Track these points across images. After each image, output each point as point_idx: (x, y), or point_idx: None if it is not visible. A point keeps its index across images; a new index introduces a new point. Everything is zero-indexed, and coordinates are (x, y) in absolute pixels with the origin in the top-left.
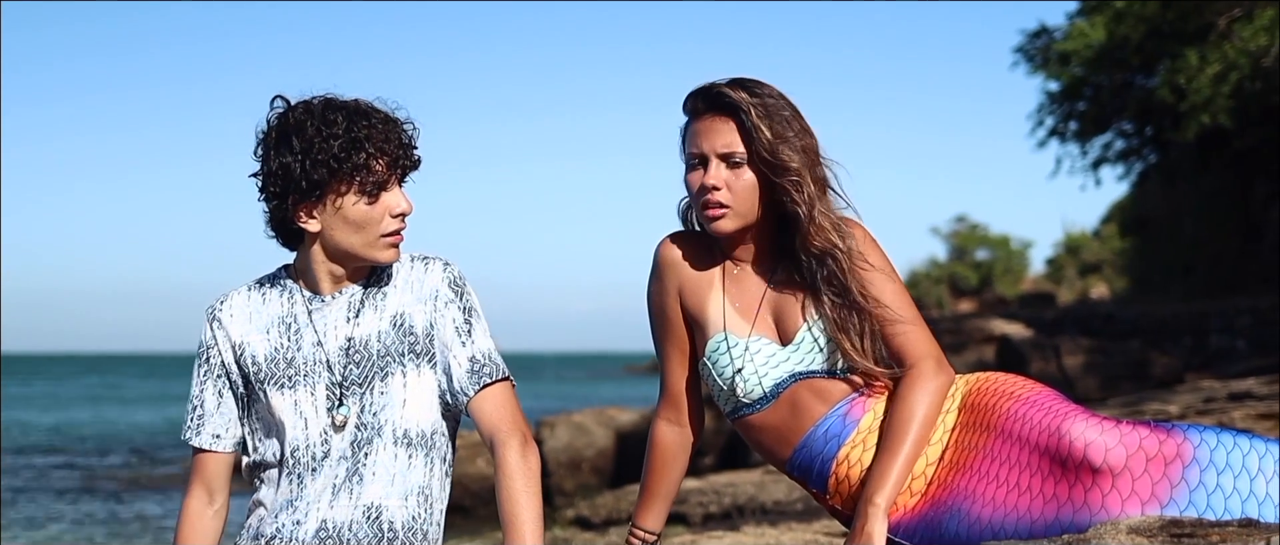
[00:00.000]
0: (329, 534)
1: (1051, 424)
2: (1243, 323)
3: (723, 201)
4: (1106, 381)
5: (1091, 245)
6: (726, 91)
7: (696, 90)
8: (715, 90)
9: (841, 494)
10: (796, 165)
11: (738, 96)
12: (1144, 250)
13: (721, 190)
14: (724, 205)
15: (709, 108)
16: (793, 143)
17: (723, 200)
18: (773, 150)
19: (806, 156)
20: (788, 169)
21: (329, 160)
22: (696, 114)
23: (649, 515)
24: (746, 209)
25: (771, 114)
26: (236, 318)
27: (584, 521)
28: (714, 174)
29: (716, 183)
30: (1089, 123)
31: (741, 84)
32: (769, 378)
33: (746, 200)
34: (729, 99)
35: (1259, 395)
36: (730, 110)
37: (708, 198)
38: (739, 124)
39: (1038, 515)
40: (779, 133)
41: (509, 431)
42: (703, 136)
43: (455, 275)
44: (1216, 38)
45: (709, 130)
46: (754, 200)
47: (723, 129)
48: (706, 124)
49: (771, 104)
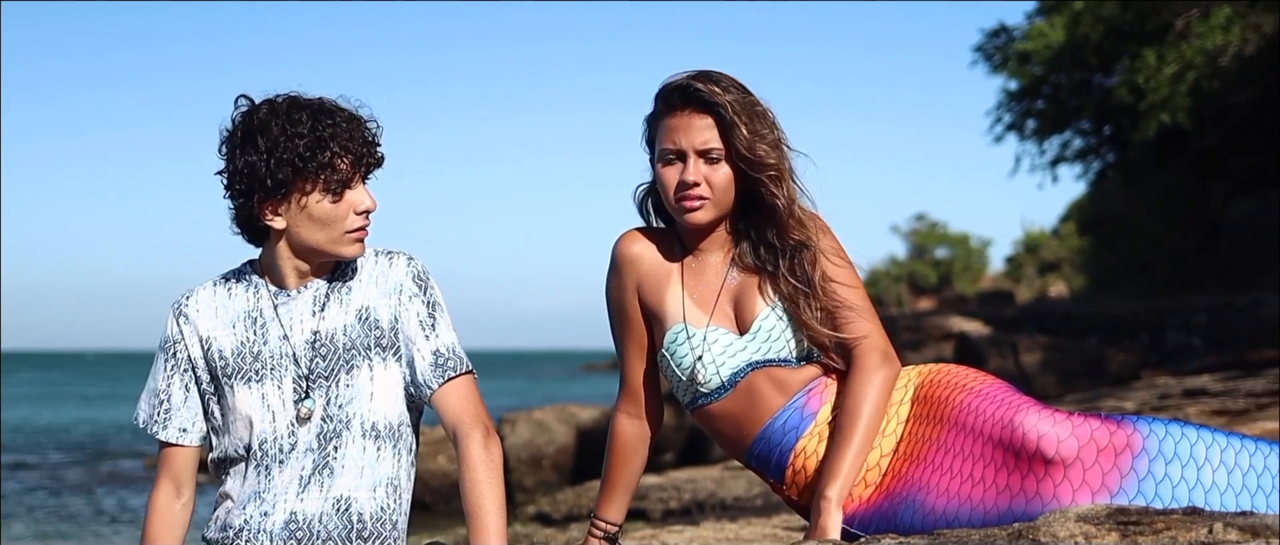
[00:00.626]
0: (299, 525)
1: (1004, 416)
2: (1199, 321)
3: (704, 195)
4: (1063, 378)
5: (1050, 244)
6: (702, 87)
7: (671, 85)
8: (691, 86)
9: (798, 485)
10: (774, 160)
11: (713, 92)
12: (1102, 249)
13: (702, 185)
14: (703, 198)
15: (685, 103)
16: (768, 138)
17: (704, 194)
18: (751, 147)
19: (780, 152)
20: (766, 164)
21: (294, 159)
22: (670, 109)
23: (610, 507)
24: (723, 202)
25: (746, 109)
26: (203, 313)
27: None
28: (693, 170)
29: (696, 178)
30: (1048, 121)
31: (711, 78)
32: (726, 367)
33: (723, 193)
34: (705, 95)
35: (1213, 392)
36: (707, 106)
37: (688, 192)
38: (718, 120)
39: (991, 505)
40: (755, 129)
41: (472, 424)
42: (681, 132)
43: (419, 270)
44: (1174, 37)
45: (686, 126)
46: (731, 194)
47: (700, 125)
48: (683, 120)
49: (744, 99)
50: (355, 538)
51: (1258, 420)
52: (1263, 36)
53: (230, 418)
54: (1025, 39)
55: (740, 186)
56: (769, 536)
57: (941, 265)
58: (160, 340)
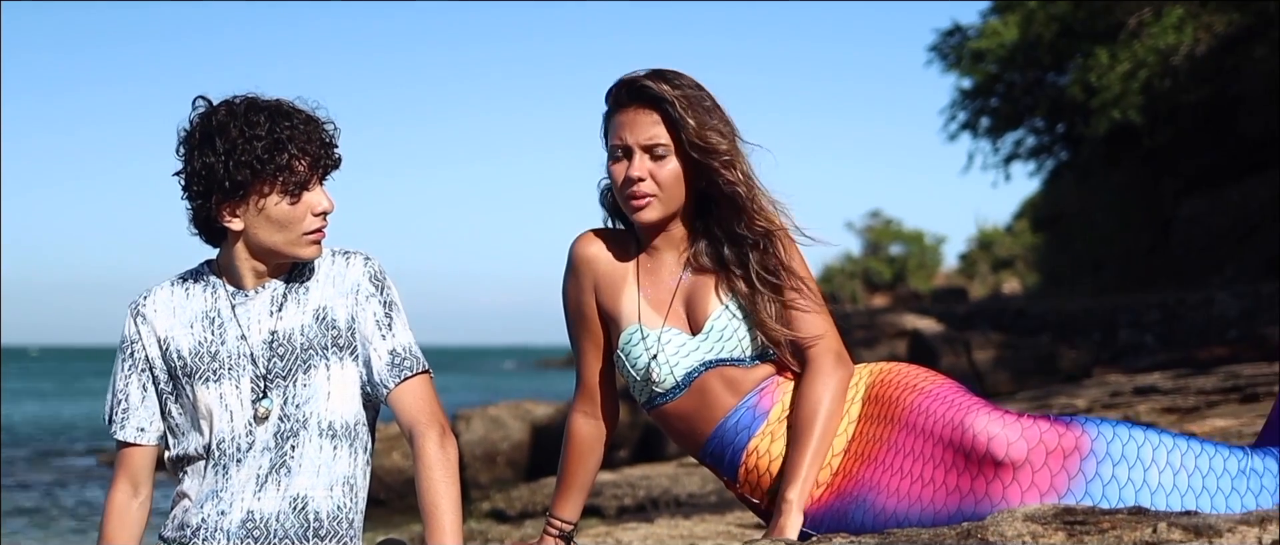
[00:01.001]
0: (256, 524)
1: (954, 417)
2: (1151, 318)
3: (648, 192)
4: (1016, 375)
5: (1004, 240)
6: (649, 84)
7: (619, 83)
8: (638, 83)
9: (751, 483)
10: (726, 147)
11: (661, 88)
12: (1055, 246)
13: (646, 181)
14: (649, 195)
15: (632, 100)
16: (714, 126)
17: (648, 190)
18: (700, 135)
19: (733, 140)
20: (718, 151)
21: (252, 161)
22: (619, 106)
23: (566, 505)
24: (671, 198)
25: (694, 104)
26: (160, 313)
27: (500, 514)
28: (638, 166)
29: (640, 174)
30: (1001, 119)
31: (662, 76)
32: (680, 367)
33: (671, 189)
34: (652, 91)
35: (1164, 389)
36: (654, 102)
37: (633, 188)
38: (664, 115)
39: (941, 506)
40: (703, 120)
41: (428, 423)
42: (626, 129)
43: (376, 270)
44: (1126, 36)
45: (633, 123)
46: (679, 189)
47: (646, 121)
48: (630, 116)
49: (693, 94)
50: (312, 536)
51: (1208, 418)
52: (1214, 36)
53: (188, 417)
54: (979, 37)
55: (693, 182)
56: (723, 534)
57: (896, 262)
58: (119, 340)
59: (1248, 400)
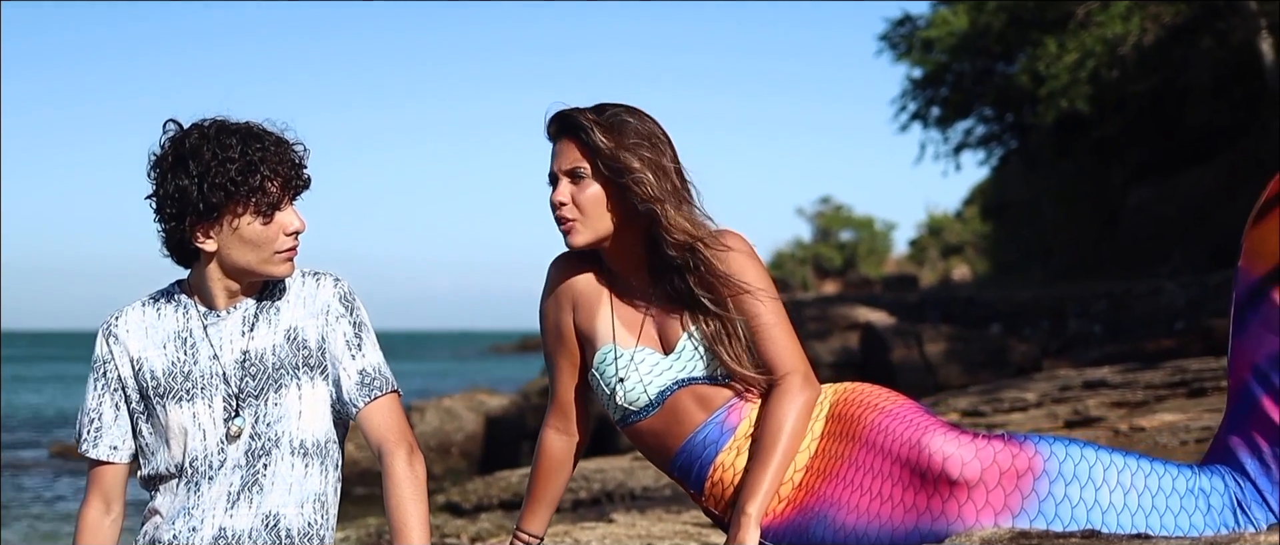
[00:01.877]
0: (228, 541)
1: (912, 437)
2: (1099, 307)
3: (569, 215)
4: (967, 368)
5: (954, 226)
6: (569, 113)
7: (549, 116)
8: (558, 115)
9: (715, 496)
10: (637, 165)
11: (579, 117)
12: (1004, 233)
13: (568, 206)
14: (571, 219)
15: (559, 131)
16: (633, 148)
17: (568, 215)
18: (613, 155)
19: (654, 161)
20: (628, 169)
21: (226, 183)
22: (550, 138)
23: (533, 520)
24: (595, 221)
25: (614, 128)
26: (133, 333)
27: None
28: (560, 191)
29: (562, 199)
30: (951, 109)
31: (593, 107)
32: (654, 386)
33: (593, 211)
34: (571, 120)
35: (1113, 383)
36: (573, 130)
37: (558, 213)
38: (580, 141)
39: (898, 523)
40: (619, 141)
41: (396, 442)
42: (554, 158)
43: (345, 291)
44: (1075, 26)
45: (559, 152)
46: (602, 210)
47: (567, 148)
48: (558, 146)
49: (615, 120)
50: None
51: (1156, 412)
52: (1161, 27)
53: (161, 436)
54: (929, 27)
55: (619, 205)
56: (680, 533)
57: (846, 248)
58: (92, 360)
59: (1195, 394)
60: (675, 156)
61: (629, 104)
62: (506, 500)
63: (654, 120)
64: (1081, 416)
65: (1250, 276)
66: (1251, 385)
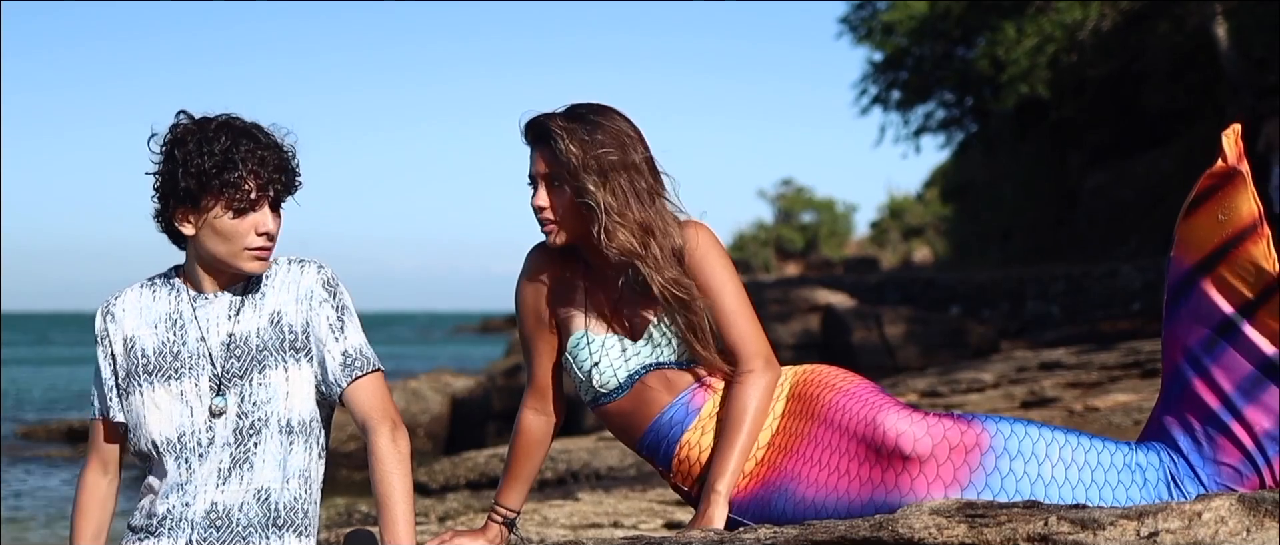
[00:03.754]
0: (219, 514)
1: (868, 415)
2: (1057, 289)
3: (547, 218)
4: (926, 350)
5: (915, 209)
6: (541, 120)
7: (523, 123)
8: (530, 122)
9: (682, 473)
10: (591, 184)
11: (549, 124)
12: (964, 216)
13: (545, 209)
14: (549, 221)
15: (534, 137)
16: (596, 160)
17: (547, 217)
18: (573, 172)
19: (616, 170)
20: (584, 190)
21: (201, 173)
22: (526, 142)
23: (510, 495)
24: (570, 223)
25: (582, 134)
26: (129, 313)
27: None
28: (540, 196)
29: (541, 203)
30: (911, 92)
31: (563, 112)
32: (623, 370)
33: (567, 215)
34: (542, 127)
35: (1068, 365)
36: (545, 137)
37: (538, 216)
38: (549, 148)
39: (855, 496)
40: (585, 151)
41: (380, 419)
42: (533, 162)
43: (329, 277)
44: (1033, 11)
45: (536, 157)
46: (575, 214)
47: (542, 154)
48: (534, 151)
49: (584, 125)
50: (272, 525)
51: (1110, 392)
52: (1119, 12)
53: (151, 413)
54: (890, 10)
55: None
56: (646, 511)
57: (808, 230)
58: (94, 336)
59: (1147, 376)
60: (646, 151)
61: (599, 103)
62: (473, 480)
63: (623, 117)
64: (1037, 397)
65: (1181, 266)
66: (1183, 368)
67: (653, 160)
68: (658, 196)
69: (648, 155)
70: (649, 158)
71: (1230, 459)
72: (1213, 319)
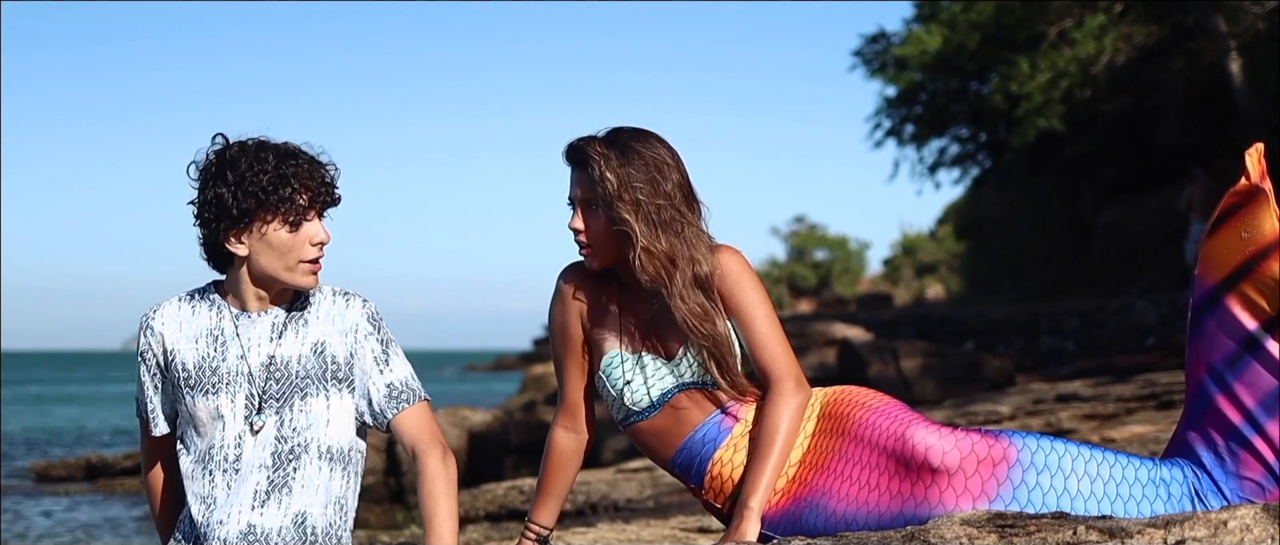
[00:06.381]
0: (257, 537)
1: (897, 430)
2: (1071, 324)
3: (584, 241)
4: (942, 383)
5: (928, 246)
6: (580, 145)
7: (566, 148)
8: (571, 146)
9: (715, 490)
10: (625, 212)
11: (589, 148)
12: (978, 252)
13: (582, 233)
14: (586, 245)
15: (574, 160)
16: (633, 190)
17: (584, 241)
18: (608, 200)
19: (652, 200)
20: (619, 219)
21: (257, 192)
22: (568, 164)
23: (543, 512)
24: (606, 247)
25: (620, 161)
26: (168, 325)
27: None
28: (577, 219)
29: (578, 226)
30: (925, 127)
31: (597, 136)
32: (656, 388)
33: (603, 240)
34: (582, 152)
35: (1084, 397)
36: (583, 161)
37: (576, 239)
38: (588, 174)
39: (885, 509)
40: (622, 178)
41: (429, 443)
42: (572, 184)
43: (372, 311)
44: (1047, 46)
45: (575, 180)
46: (610, 238)
47: (581, 178)
48: (574, 174)
49: (621, 154)
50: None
51: (1126, 424)
52: (1133, 47)
53: (188, 425)
54: (903, 44)
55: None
56: (668, 537)
57: (821, 267)
58: (137, 351)
59: (1164, 407)
60: (681, 177)
61: (640, 128)
62: (493, 512)
63: (663, 143)
64: (1054, 428)
65: (1205, 284)
66: (1207, 384)
67: (688, 185)
68: (689, 225)
69: (682, 181)
70: (682, 184)
71: (1253, 473)
72: (1236, 335)
